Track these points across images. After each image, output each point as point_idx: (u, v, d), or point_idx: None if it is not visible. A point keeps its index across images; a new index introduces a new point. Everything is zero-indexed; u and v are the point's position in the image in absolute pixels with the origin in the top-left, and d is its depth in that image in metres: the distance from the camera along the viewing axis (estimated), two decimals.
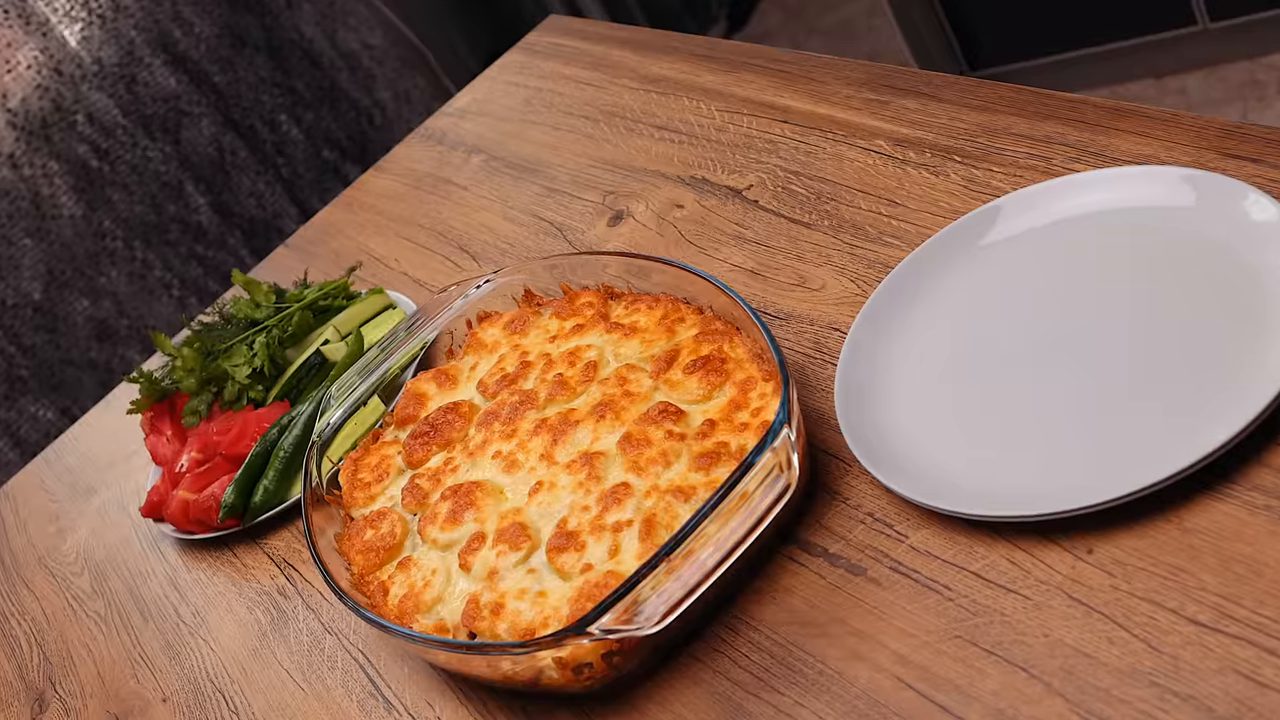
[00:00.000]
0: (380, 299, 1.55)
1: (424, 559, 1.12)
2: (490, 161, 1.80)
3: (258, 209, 3.30)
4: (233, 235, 3.25)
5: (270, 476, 1.37)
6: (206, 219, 3.20)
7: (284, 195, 3.35)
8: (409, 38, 3.72)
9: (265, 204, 3.31)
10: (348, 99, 3.53)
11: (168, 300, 3.17)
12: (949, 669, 0.88)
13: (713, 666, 0.98)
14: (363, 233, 1.81)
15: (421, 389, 1.31)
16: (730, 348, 1.14)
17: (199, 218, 3.19)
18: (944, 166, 1.28)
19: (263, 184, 3.30)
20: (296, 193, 3.39)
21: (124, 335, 3.14)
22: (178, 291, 3.19)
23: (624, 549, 1.02)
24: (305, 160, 3.39)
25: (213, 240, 3.22)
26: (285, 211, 3.35)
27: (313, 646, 1.22)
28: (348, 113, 3.52)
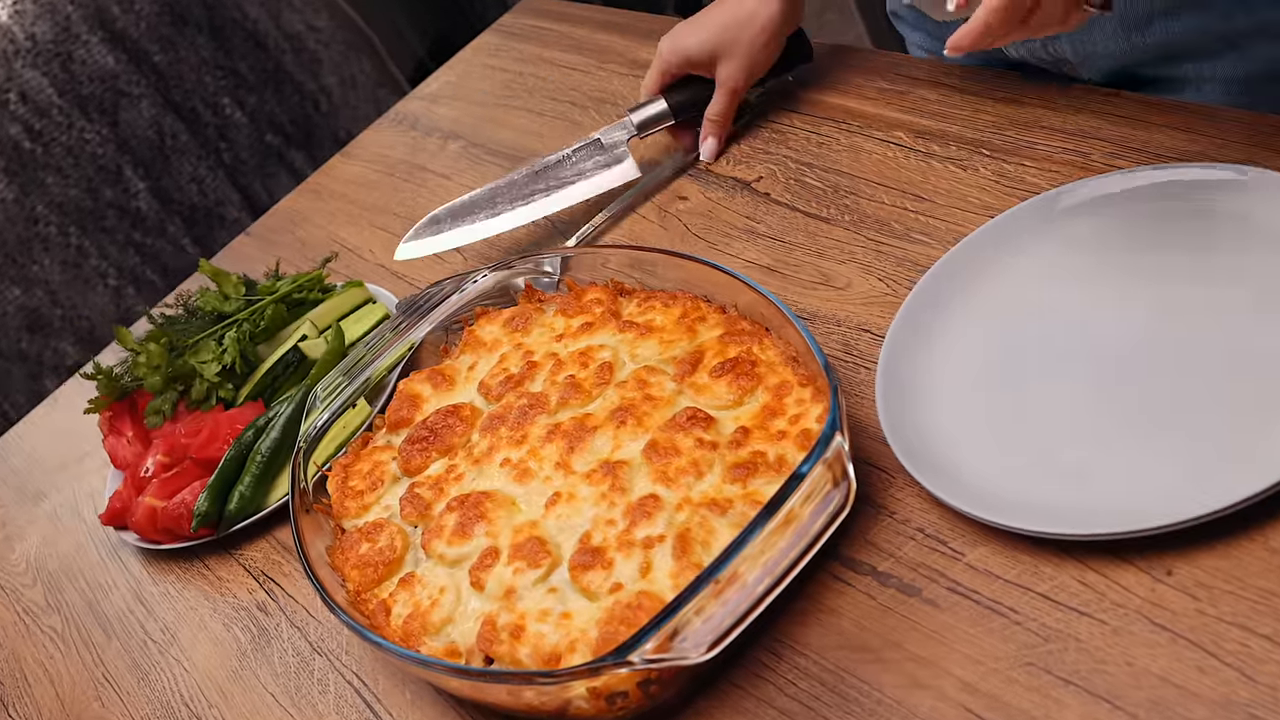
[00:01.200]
0: (359, 292, 1.46)
1: (429, 576, 1.04)
2: (470, 148, 1.71)
3: (199, 195, 3.17)
4: (173, 222, 3.12)
5: (246, 482, 1.27)
6: (145, 205, 3.07)
7: (226, 181, 3.23)
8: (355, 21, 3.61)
9: (207, 190, 3.18)
10: (292, 82, 3.40)
11: (103, 290, 3.03)
12: (1022, 699, 0.82)
13: (756, 694, 0.91)
14: (332, 221, 1.72)
15: (415, 390, 1.22)
16: (760, 350, 1.07)
17: (137, 203, 3.06)
18: (971, 160, 1.22)
19: (204, 169, 3.17)
20: (239, 179, 3.26)
21: (57, 327, 3.00)
22: (114, 281, 3.05)
23: (656, 567, 0.94)
24: (249, 145, 3.27)
25: (152, 227, 3.09)
26: (228, 198, 3.23)
27: (300, 668, 1.13)
28: (292, 96, 3.40)
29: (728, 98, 1.37)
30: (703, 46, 1.36)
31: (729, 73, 1.35)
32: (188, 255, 3.13)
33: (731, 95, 1.37)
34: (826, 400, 0.99)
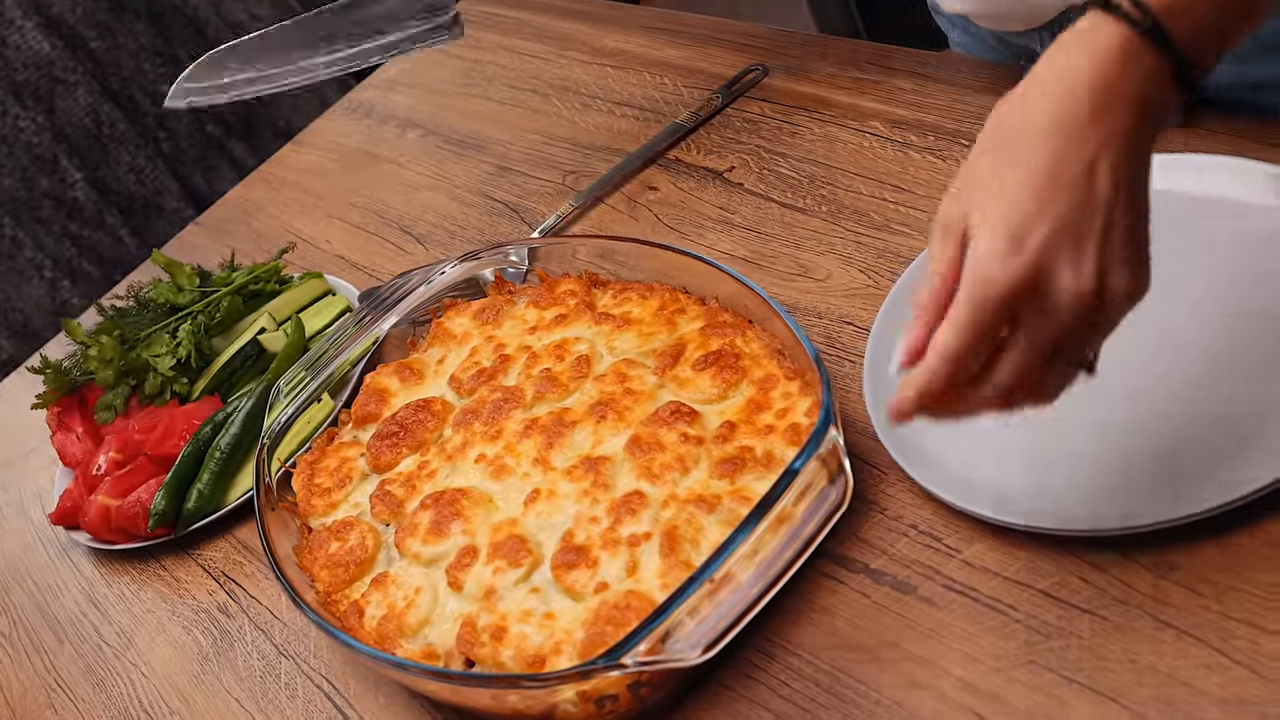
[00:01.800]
0: (318, 284, 1.42)
1: (404, 576, 1.00)
2: (428, 136, 1.67)
3: (137, 185, 3.09)
4: (110, 213, 3.04)
5: (205, 480, 1.23)
6: (82, 195, 2.98)
7: (165, 171, 3.15)
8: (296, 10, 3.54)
9: (145, 180, 3.10)
10: None
11: (39, 282, 2.95)
12: (1025, 698, 0.80)
13: (748, 696, 0.88)
14: (286, 211, 1.67)
15: (383, 384, 1.19)
16: (744, 343, 1.04)
17: (74, 194, 2.97)
18: (950, 151, 1.21)
19: (143, 159, 3.09)
20: (179, 169, 3.19)
21: None
22: (50, 273, 2.96)
23: (643, 566, 0.92)
24: (189, 135, 3.19)
25: (89, 218, 3.00)
26: (167, 188, 3.15)
27: (266, 672, 1.09)
28: None
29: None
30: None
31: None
32: (125, 247, 3.05)
33: None
34: (816, 394, 0.97)
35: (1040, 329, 0.70)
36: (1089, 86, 0.69)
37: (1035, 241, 0.68)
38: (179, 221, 3.18)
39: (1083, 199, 0.68)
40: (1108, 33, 0.69)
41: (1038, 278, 0.68)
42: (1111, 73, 0.69)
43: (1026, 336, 0.70)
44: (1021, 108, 0.71)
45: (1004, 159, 0.70)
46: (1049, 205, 0.68)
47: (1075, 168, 0.68)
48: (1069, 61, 0.70)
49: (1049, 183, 0.68)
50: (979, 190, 0.71)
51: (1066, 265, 0.68)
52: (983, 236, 0.69)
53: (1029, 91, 0.71)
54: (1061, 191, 0.68)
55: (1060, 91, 0.69)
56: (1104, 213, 0.68)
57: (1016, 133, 0.70)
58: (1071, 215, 0.68)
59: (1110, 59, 0.69)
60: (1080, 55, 0.70)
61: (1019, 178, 0.69)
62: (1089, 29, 0.70)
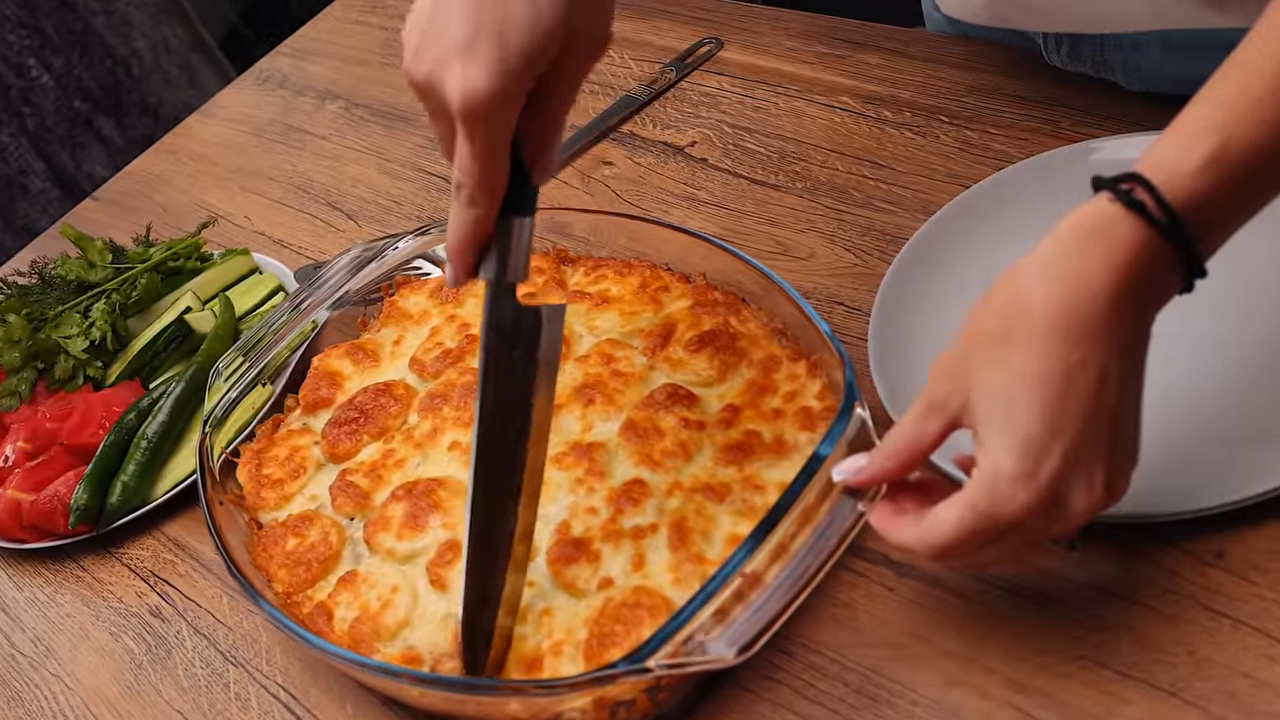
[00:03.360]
0: (244, 261, 1.32)
1: (377, 574, 0.92)
2: (351, 109, 1.57)
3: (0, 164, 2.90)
4: None
5: (130, 471, 1.12)
6: None
7: (30, 149, 2.96)
8: None
9: (9, 158, 2.91)
10: (102, 45, 3.15)
11: None
12: (1079, 695, 0.75)
13: (770, 698, 0.82)
14: (196, 185, 1.56)
15: (334, 367, 1.10)
16: (739, 322, 0.98)
17: None
18: (930, 127, 1.16)
19: (6, 135, 2.90)
20: (44, 146, 3.00)
21: None
22: None
23: (651, 560, 0.85)
24: (55, 111, 3.01)
25: None
26: (31, 167, 2.96)
27: (212, 681, 0.99)
28: (103, 60, 3.14)
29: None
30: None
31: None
32: None
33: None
34: (825, 376, 0.92)
35: (1040, 531, 0.69)
36: (1106, 294, 0.65)
37: (1051, 468, 0.65)
38: (44, 203, 3.00)
39: (1094, 412, 0.66)
40: (1127, 230, 0.65)
41: (1052, 501, 0.66)
42: (1127, 278, 0.65)
43: (1022, 536, 0.68)
44: (1029, 297, 0.66)
45: (1010, 357, 0.66)
46: (1064, 424, 0.65)
47: (1088, 377, 0.65)
48: (1085, 264, 0.65)
49: (1062, 393, 0.65)
50: (984, 390, 0.67)
51: (1080, 486, 0.67)
52: (998, 452, 0.66)
53: (1036, 279, 0.67)
54: (1075, 405, 0.65)
55: (1074, 292, 0.65)
56: (1113, 424, 0.66)
57: (1023, 329, 0.66)
58: (1085, 435, 0.66)
59: (1129, 263, 0.65)
60: (1096, 257, 0.65)
61: (1029, 385, 0.66)
62: (1107, 225, 0.66)
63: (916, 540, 0.71)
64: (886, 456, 0.74)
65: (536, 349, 0.78)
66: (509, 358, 0.78)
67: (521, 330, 0.78)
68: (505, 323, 0.77)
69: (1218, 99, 0.67)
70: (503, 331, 0.77)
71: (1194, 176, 0.65)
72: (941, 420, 0.71)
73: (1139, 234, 0.65)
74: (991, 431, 0.67)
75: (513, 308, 0.78)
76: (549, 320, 0.78)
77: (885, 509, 0.75)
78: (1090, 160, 0.98)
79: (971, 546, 0.69)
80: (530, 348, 0.78)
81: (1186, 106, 0.68)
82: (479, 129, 0.72)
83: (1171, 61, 1.01)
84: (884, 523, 0.74)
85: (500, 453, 0.79)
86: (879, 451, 0.74)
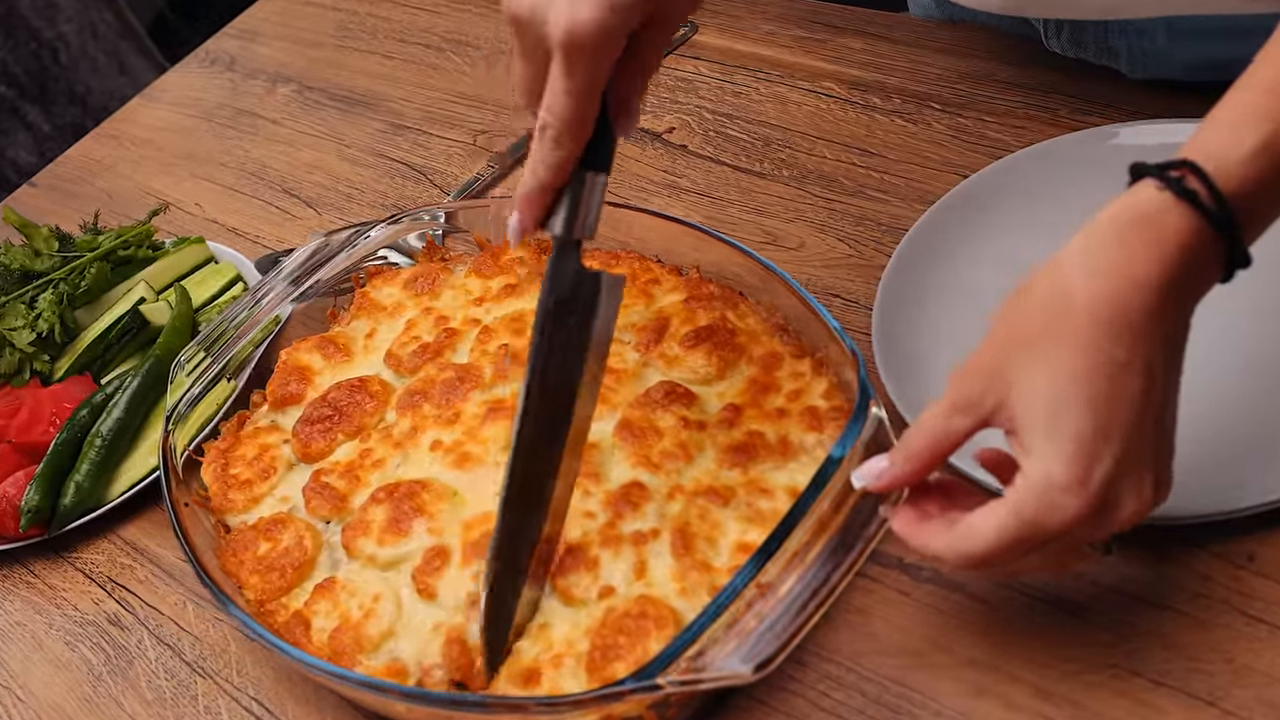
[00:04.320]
0: (199, 250, 1.25)
1: (357, 581, 0.86)
2: (305, 93, 1.51)
3: None
4: None
5: (84, 471, 1.05)
6: None
7: None
8: None
9: None
10: (27, 28, 3.04)
11: None
12: (1111, 706, 0.72)
13: (784, 710, 0.78)
14: (141, 171, 1.49)
15: (303, 361, 1.04)
16: (737, 317, 0.94)
17: None
18: (921, 114, 1.13)
19: None
20: None
21: None
22: None
23: (654, 567, 0.81)
24: None
25: None
26: None
27: (178, 693, 0.93)
28: (28, 44, 3.03)
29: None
30: None
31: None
32: None
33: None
34: (832, 374, 0.88)
35: (1086, 538, 0.66)
36: (1152, 287, 0.62)
37: (1102, 473, 0.62)
38: None
39: (1142, 412, 0.63)
40: (1177, 219, 0.62)
41: (1102, 507, 0.63)
42: (1175, 269, 0.62)
43: (1065, 542, 0.65)
44: (1071, 291, 0.63)
45: (1054, 356, 0.63)
46: (1113, 427, 0.62)
47: (1135, 375, 0.62)
48: (1130, 255, 0.62)
49: (1109, 394, 0.62)
50: (1026, 390, 0.64)
51: (1130, 490, 0.64)
52: (1048, 459, 0.63)
53: (1079, 271, 0.63)
54: (1124, 406, 0.62)
55: (1120, 285, 0.62)
56: (1158, 423, 0.64)
57: (1066, 326, 0.63)
58: (1135, 437, 0.63)
59: (1177, 253, 0.62)
60: (1142, 248, 0.62)
61: (1076, 385, 0.62)
62: (1154, 214, 0.62)
63: (949, 549, 0.67)
64: (908, 458, 0.70)
65: (593, 318, 0.75)
66: (565, 324, 0.75)
67: (579, 296, 0.75)
68: (565, 286, 0.75)
69: (1263, 86, 0.64)
70: (561, 297, 0.75)
71: (1244, 164, 0.62)
72: (971, 419, 0.67)
73: (1189, 223, 0.62)
74: (1036, 436, 0.63)
75: (575, 269, 0.75)
76: (608, 289, 0.75)
77: (909, 514, 0.71)
78: (1110, 146, 0.95)
79: (1012, 555, 0.66)
80: (586, 315, 0.75)
81: (1228, 93, 0.65)
82: (579, 63, 0.69)
83: (1178, 47, 0.98)
84: (909, 530, 0.70)
85: (546, 415, 0.76)
86: (900, 452, 0.70)
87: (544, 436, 0.77)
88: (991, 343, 0.66)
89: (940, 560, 0.68)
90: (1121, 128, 0.97)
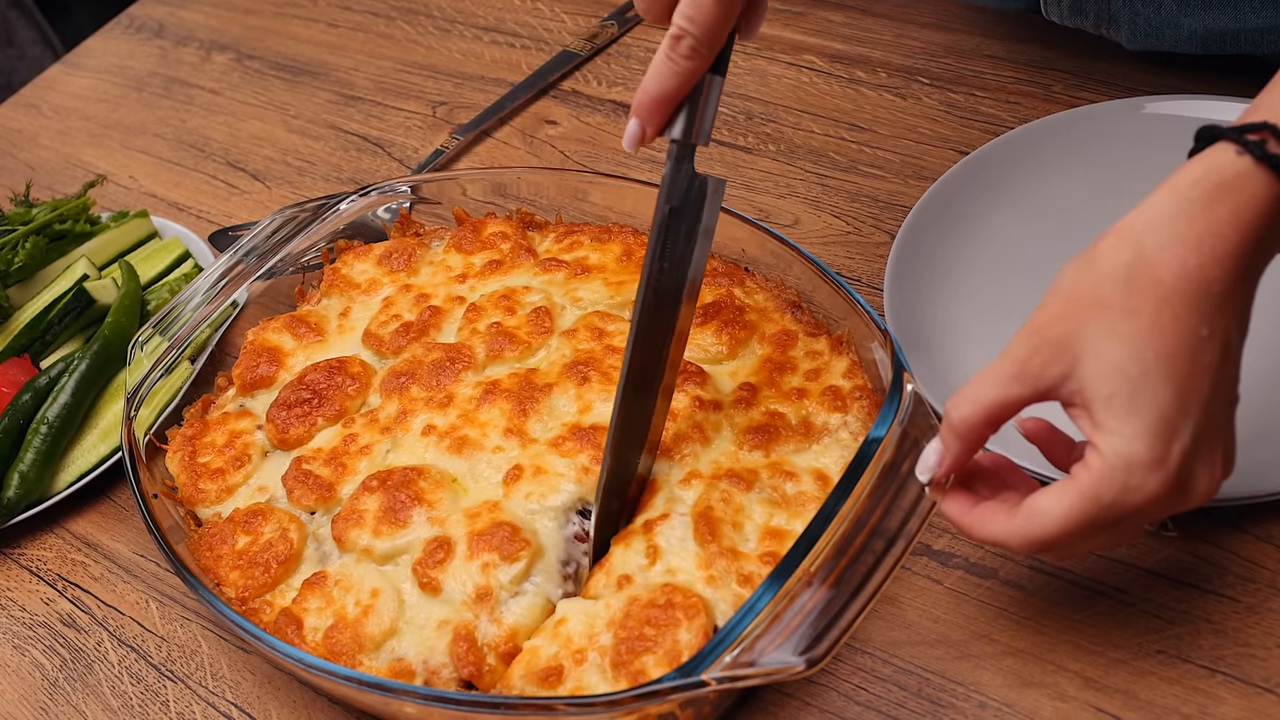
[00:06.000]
0: (142, 224, 1.18)
1: (351, 575, 0.81)
2: (244, 61, 1.43)
3: None
4: None
5: (28, 461, 0.98)
6: None
7: None
8: None
9: None
10: None
11: None
12: (1164, 694, 0.70)
13: (818, 705, 0.75)
14: (67, 142, 1.40)
15: (272, 342, 0.97)
16: (744, 294, 0.90)
17: None
18: (909, 89, 1.10)
19: None
20: None
21: None
22: None
23: (671, 553, 0.76)
24: None
25: None
26: None
27: (146, 699, 0.86)
28: None
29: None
30: None
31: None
32: None
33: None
34: (853, 352, 0.84)
35: (1157, 516, 0.63)
36: (1234, 257, 0.60)
37: (1180, 450, 0.60)
38: None
39: (1218, 385, 0.61)
40: (1258, 185, 0.60)
41: (1179, 485, 0.61)
42: (1254, 237, 0.60)
43: (1135, 521, 0.63)
44: (1153, 262, 0.60)
45: (1134, 330, 0.60)
46: (1192, 403, 0.60)
47: (1214, 349, 0.60)
48: (1214, 225, 0.60)
49: (1189, 369, 0.60)
50: (1101, 364, 0.60)
51: (1204, 466, 0.61)
52: (1129, 437, 0.60)
53: (1161, 241, 0.60)
54: (1202, 380, 0.60)
55: (1204, 259, 0.60)
56: (1229, 396, 0.62)
57: (1149, 299, 0.60)
58: (1211, 411, 0.61)
59: (1256, 220, 0.60)
60: (1226, 217, 0.60)
61: (1159, 361, 0.60)
62: (1234, 180, 0.60)
63: (1014, 534, 0.64)
64: (959, 435, 0.66)
65: (699, 224, 0.75)
66: (677, 231, 0.75)
67: (690, 202, 0.75)
68: (679, 193, 0.75)
69: None
70: (675, 205, 0.75)
71: None
72: (1030, 390, 0.63)
73: (1270, 189, 0.60)
74: (1112, 412, 0.60)
75: (690, 174, 0.74)
76: (713, 192, 0.75)
77: (960, 498, 0.68)
78: (1143, 115, 0.94)
79: (1081, 537, 0.63)
80: (694, 221, 0.75)
81: None
82: None
83: (1186, 15, 0.96)
84: (965, 516, 0.67)
85: (659, 317, 0.76)
86: (949, 431, 0.66)
87: (650, 358, 0.77)
88: (1055, 310, 0.63)
89: (1003, 545, 0.65)
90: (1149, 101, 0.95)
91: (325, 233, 1.03)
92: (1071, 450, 0.70)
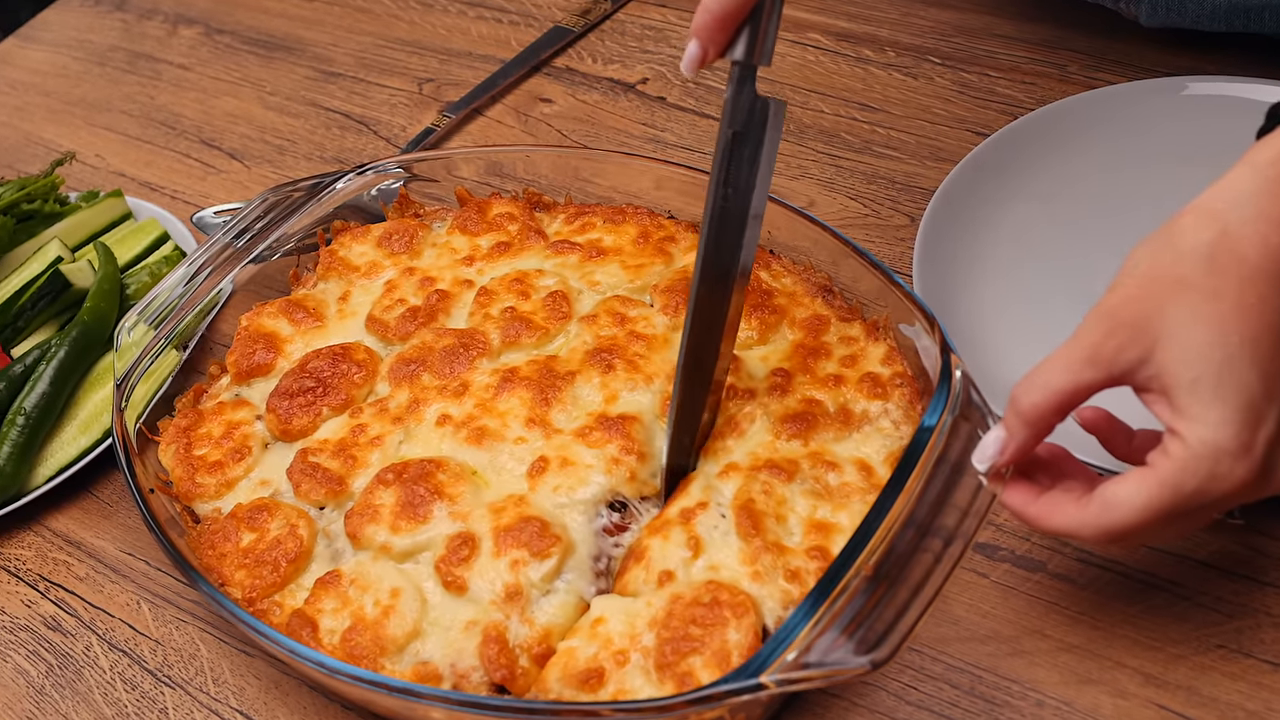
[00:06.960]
0: (116, 204, 1.12)
1: (368, 574, 0.76)
2: (214, 36, 1.37)
3: None
4: None
5: (4, 454, 0.92)
6: None
7: None
8: None
9: None
10: None
11: None
12: (1227, 690, 0.68)
13: (867, 705, 0.72)
14: (26, 118, 1.33)
15: (268, 328, 0.93)
16: (771, 277, 0.87)
17: None
18: (920, 68, 1.07)
19: None
20: None
21: None
22: None
23: (713, 547, 0.73)
24: None
25: None
26: None
27: (143, 706, 0.82)
28: None
29: None
30: None
31: None
32: None
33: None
34: (892, 338, 0.81)
35: (1236, 504, 0.60)
36: None
37: (1266, 436, 0.58)
38: None
39: None
40: None
41: (1263, 473, 0.59)
42: None
43: (1207, 513, 0.60)
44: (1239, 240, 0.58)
45: (1219, 312, 0.58)
46: (1277, 388, 0.58)
47: None
48: None
49: (1274, 353, 0.58)
50: (1185, 347, 0.58)
51: None
52: (1215, 424, 0.57)
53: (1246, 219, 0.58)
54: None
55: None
56: None
57: (1234, 280, 0.58)
58: None
59: None
60: None
61: (1246, 345, 0.57)
62: None
63: (1085, 524, 0.62)
64: (1026, 421, 0.63)
65: (760, 148, 0.72)
66: (740, 156, 0.72)
67: (752, 125, 0.71)
68: (741, 117, 0.71)
69: None
70: (738, 129, 0.71)
71: None
72: (1104, 375, 0.61)
73: None
74: (1197, 398, 0.58)
75: (752, 96, 0.71)
76: (774, 114, 0.71)
77: (1022, 489, 0.65)
78: (1182, 96, 0.92)
79: (1160, 526, 0.60)
80: (756, 146, 0.72)
81: None
82: None
83: None
84: (1031, 507, 0.64)
85: (723, 244, 0.73)
86: (1015, 418, 0.63)
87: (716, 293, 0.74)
88: (1130, 290, 0.60)
89: (1073, 536, 0.62)
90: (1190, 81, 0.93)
91: (323, 212, 0.98)
92: (1131, 439, 0.68)
